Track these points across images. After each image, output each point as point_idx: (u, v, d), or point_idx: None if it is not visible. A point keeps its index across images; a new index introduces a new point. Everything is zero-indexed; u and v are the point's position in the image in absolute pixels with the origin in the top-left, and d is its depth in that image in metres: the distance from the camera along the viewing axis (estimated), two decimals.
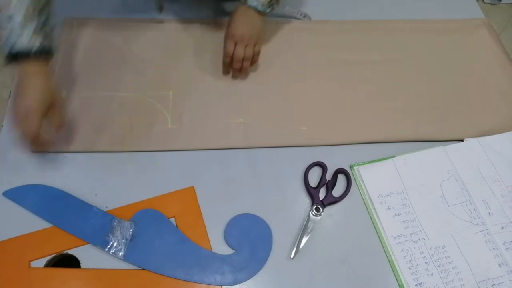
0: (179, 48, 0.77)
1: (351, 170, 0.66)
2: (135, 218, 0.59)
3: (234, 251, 0.58)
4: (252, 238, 0.59)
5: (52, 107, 0.57)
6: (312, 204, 0.62)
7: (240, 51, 0.68)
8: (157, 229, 0.58)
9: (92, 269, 0.55)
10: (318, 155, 0.67)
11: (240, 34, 0.67)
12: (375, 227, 0.61)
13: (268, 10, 0.67)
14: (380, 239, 0.60)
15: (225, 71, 0.73)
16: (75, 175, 0.62)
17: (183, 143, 0.66)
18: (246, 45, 0.68)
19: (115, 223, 0.58)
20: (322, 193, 0.63)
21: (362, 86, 0.75)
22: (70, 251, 0.56)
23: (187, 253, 0.57)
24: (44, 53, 0.55)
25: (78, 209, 0.59)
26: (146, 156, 0.65)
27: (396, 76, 0.77)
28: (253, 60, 0.70)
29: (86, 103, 0.69)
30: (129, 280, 0.55)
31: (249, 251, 0.58)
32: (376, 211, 0.62)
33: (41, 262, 0.55)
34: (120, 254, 0.56)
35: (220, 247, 0.58)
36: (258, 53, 0.70)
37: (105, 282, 0.54)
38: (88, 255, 0.56)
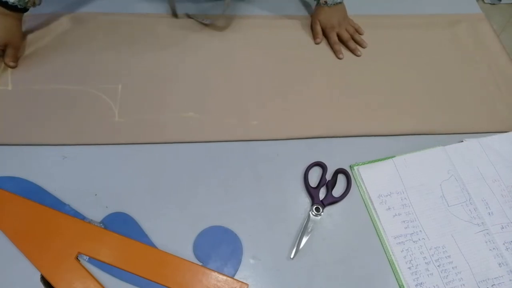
0: (133, 43, 0.77)
1: (351, 170, 0.66)
2: (105, 220, 0.58)
3: (201, 263, 0.56)
4: (221, 252, 0.57)
5: (9, 44, 0.70)
6: (312, 204, 0.62)
7: (344, 34, 0.81)
8: (126, 234, 0.57)
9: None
10: (318, 155, 0.67)
11: (336, 23, 0.81)
12: (375, 227, 0.61)
13: None
14: (380, 239, 0.60)
15: (341, 57, 0.80)
16: (74, 175, 0.62)
17: (130, 136, 0.66)
18: (345, 28, 0.82)
19: None
20: (322, 193, 0.63)
21: (362, 84, 0.75)
22: None
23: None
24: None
25: (51, 206, 0.58)
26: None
27: (395, 75, 0.77)
28: (360, 32, 0.83)
29: (34, 96, 0.69)
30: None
31: (216, 265, 0.56)
32: (376, 211, 0.62)
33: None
34: (85, 255, 0.55)
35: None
36: (357, 28, 0.83)
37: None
38: None
